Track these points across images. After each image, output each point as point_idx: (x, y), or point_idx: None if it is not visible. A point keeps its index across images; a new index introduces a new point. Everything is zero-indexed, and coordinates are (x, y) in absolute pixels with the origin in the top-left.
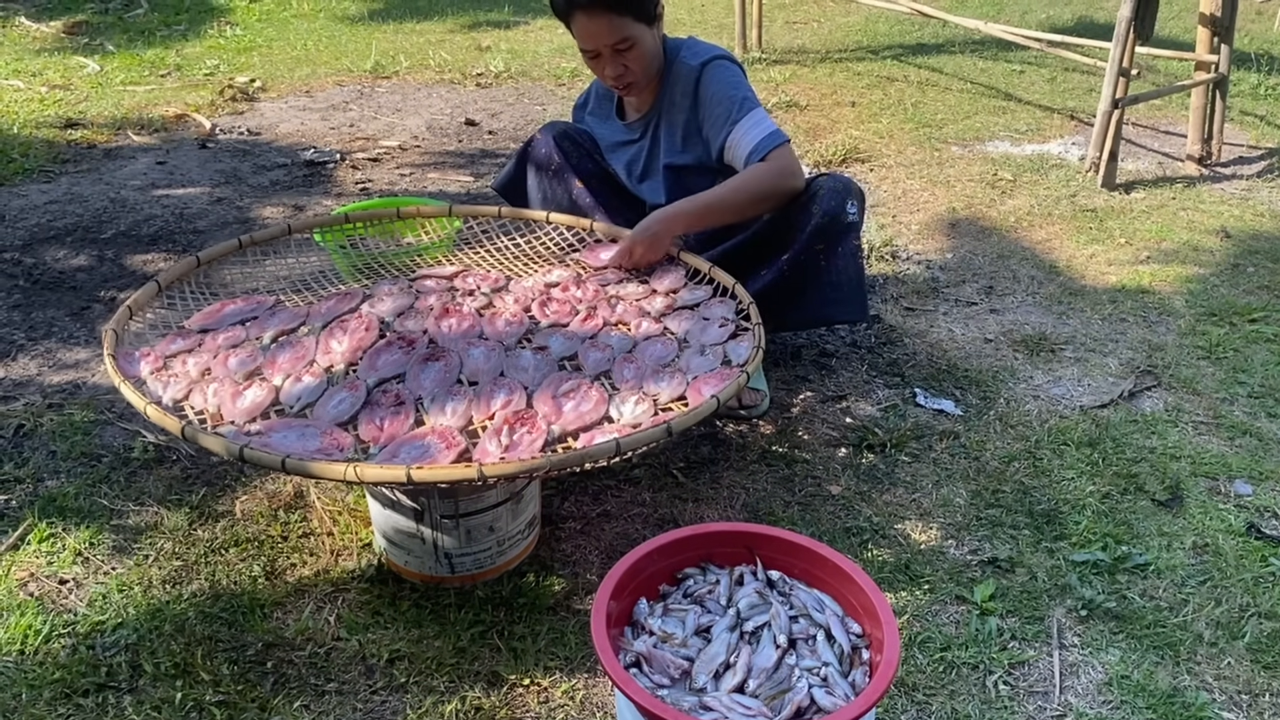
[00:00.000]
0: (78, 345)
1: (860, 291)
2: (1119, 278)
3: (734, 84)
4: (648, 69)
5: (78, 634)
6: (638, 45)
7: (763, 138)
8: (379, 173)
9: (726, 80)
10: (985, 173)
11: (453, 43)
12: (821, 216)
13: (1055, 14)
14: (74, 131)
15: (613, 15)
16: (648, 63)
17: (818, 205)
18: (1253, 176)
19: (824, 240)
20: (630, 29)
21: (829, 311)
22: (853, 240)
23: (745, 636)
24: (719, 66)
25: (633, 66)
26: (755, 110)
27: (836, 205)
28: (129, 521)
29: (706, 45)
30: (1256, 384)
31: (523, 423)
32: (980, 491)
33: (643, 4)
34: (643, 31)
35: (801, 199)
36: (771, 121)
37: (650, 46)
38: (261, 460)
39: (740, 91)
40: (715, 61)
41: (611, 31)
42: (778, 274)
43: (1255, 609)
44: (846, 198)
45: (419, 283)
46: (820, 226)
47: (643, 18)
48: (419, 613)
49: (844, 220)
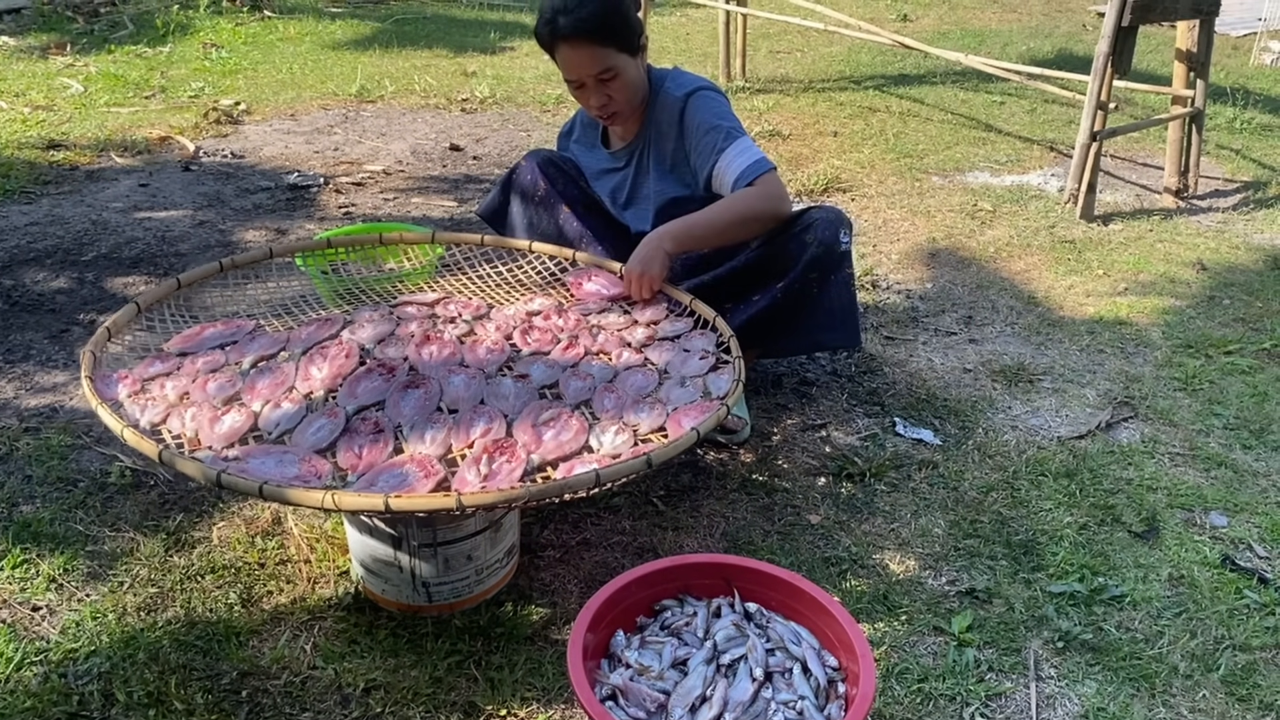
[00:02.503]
0: (56, 368)
1: (853, 318)
2: (1097, 309)
3: (719, 114)
4: (631, 99)
5: (50, 662)
6: (621, 75)
7: (749, 164)
8: (363, 197)
9: (712, 110)
10: (965, 203)
11: (438, 68)
12: (817, 246)
13: (1035, 46)
14: (56, 153)
15: (595, 46)
16: (631, 93)
17: (812, 235)
18: (1229, 209)
19: (818, 269)
20: (613, 59)
21: (822, 338)
22: (845, 269)
23: (722, 669)
24: (703, 96)
25: (616, 96)
26: (741, 139)
27: (831, 236)
28: (104, 547)
29: (691, 76)
30: (1232, 416)
31: (502, 451)
32: (958, 522)
33: (625, 35)
34: (626, 62)
35: (795, 229)
36: (758, 149)
37: (634, 77)
38: (239, 486)
39: (726, 121)
40: (700, 92)
41: (594, 62)
42: (771, 301)
43: (1230, 641)
44: (840, 228)
45: (400, 309)
46: (815, 256)
47: (626, 49)
48: (396, 642)
49: (838, 250)
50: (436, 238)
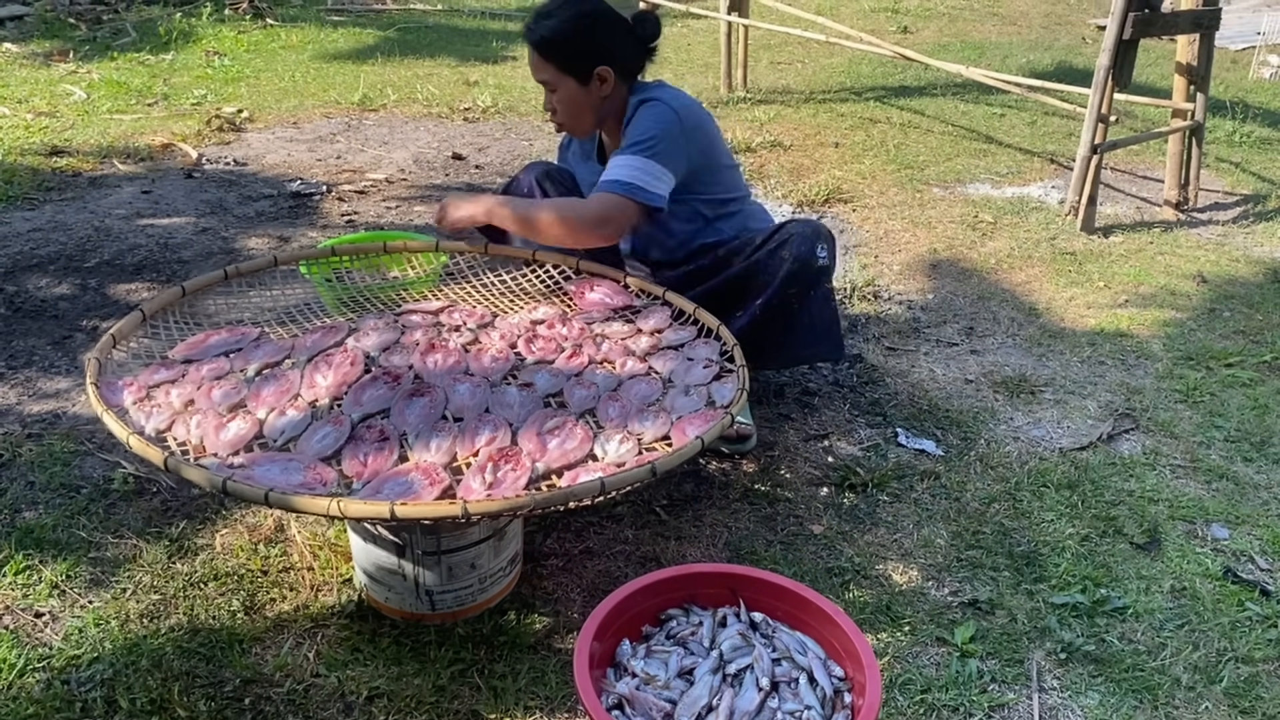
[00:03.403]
0: (59, 375)
1: (835, 332)
2: (1098, 321)
3: (650, 124)
4: (574, 116)
5: (53, 668)
6: (560, 91)
7: (612, 179)
8: (365, 205)
9: (646, 119)
10: (966, 214)
11: (440, 77)
12: (793, 262)
13: (1035, 59)
14: (59, 159)
15: (538, 57)
16: (574, 111)
17: (788, 251)
18: (1228, 222)
19: (796, 285)
20: (550, 74)
21: (806, 352)
22: (825, 284)
23: (728, 679)
24: (650, 107)
25: (557, 107)
26: (638, 156)
27: (806, 251)
28: (107, 554)
29: (663, 89)
30: (1233, 428)
31: (507, 460)
32: (961, 532)
33: (567, 58)
34: (566, 82)
35: (771, 244)
36: (638, 170)
37: (575, 98)
38: (244, 494)
39: (650, 132)
40: (651, 102)
41: (536, 70)
42: (751, 318)
43: (1232, 653)
44: (816, 242)
45: (405, 317)
46: (792, 272)
47: (567, 71)
48: (399, 650)
49: (815, 265)
50: (441, 246)
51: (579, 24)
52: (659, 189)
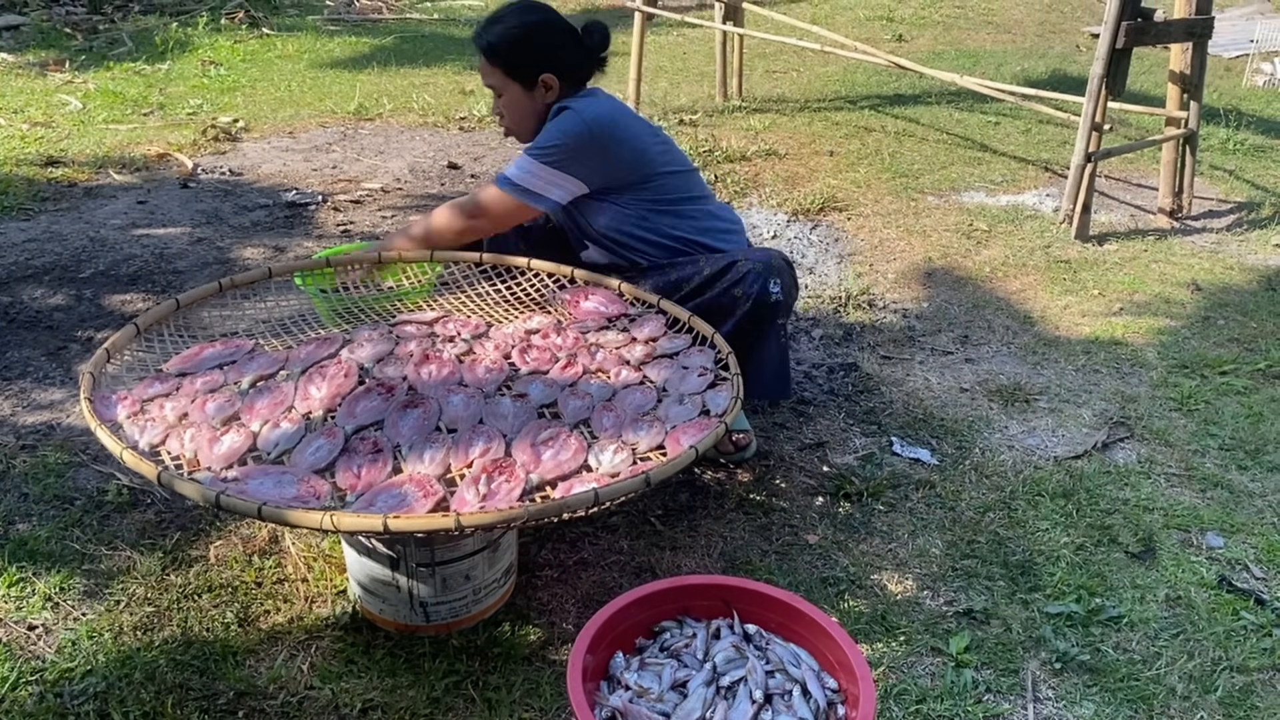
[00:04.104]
0: (53, 385)
1: (784, 370)
2: (1092, 329)
3: (555, 132)
4: (519, 121)
5: (45, 681)
6: (505, 96)
7: (502, 175)
8: (361, 215)
9: (554, 127)
10: (961, 223)
11: (436, 86)
12: (746, 301)
13: (1029, 67)
14: (55, 169)
15: (484, 61)
16: (519, 116)
17: (741, 289)
18: (1222, 230)
19: (750, 322)
20: (496, 79)
21: (753, 390)
22: (778, 320)
23: (722, 691)
24: (564, 115)
25: (505, 113)
26: (534, 160)
27: (759, 289)
28: (101, 566)
29: (589, 100)
30: (1227, 436)
31: (501, 471)
32: (956, 542)
33: (513, 64)
34: (512, 87)
35: (725, 281)
36: (529, 173)
37: (519, 103)
38: (238, 507)
39: (550, 140)
40: (565, 111)
41: (483, 74)
42: None
43: (1227, 662)
44: (768, 278)
45: (399, 328)
46: (746, 312)
47: (513, 76)
48: (393, 662)
49: (768, 302)
50: (435, 256)
51: (526, 31)
52: (550, 194)
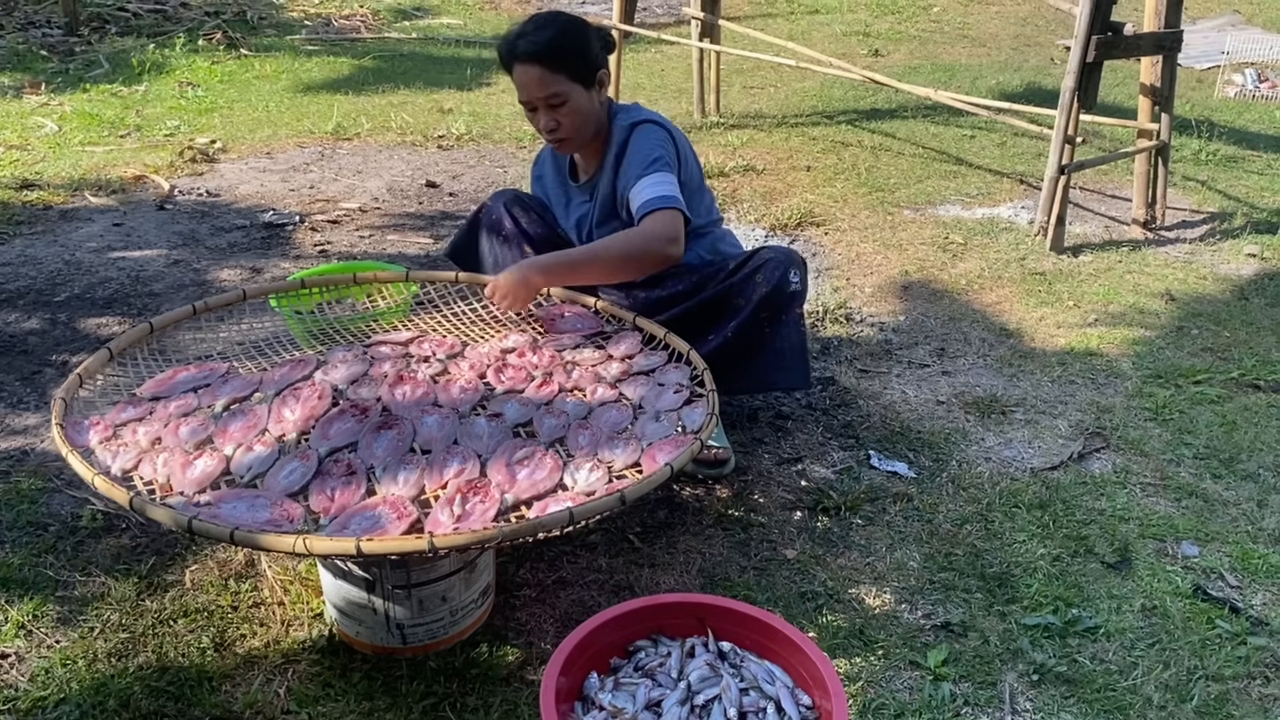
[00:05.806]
0: (27, 410)
1: (803, 359)
2: (1068, 340)
3: (655, 144)
4: (581, 128)
5: (19, 710)
6: (570, 102)
7: (654, 196)
8: (338, 235)
9: (649, 140)
10: (937, 236)
11: (414, 105)
12: (766, 286)
13: (1005, 80)
14: (30, 192)
15: (546, 70)
16: (581, 121)
17: (762, 275)
18: (1195, 240)
19: (768, 310)
20: (562, 85)
21: (773, 378)
22: (796, 309)
23: (696, 710)
24: (647, 129)
25: (564, 122)
26: (662, 171)
27: (780, 276)
28: (75, 592)
29: (646, 111)
30: (1201, 445)
31: (476, 492)
32: (933, 554)
33: (576, 65)
34: (577, 91)
35: (746, 269)
36: (672, 185)
37: (584, 106)
38: (210, 532)
39: (656, 152)
40: (645, 124)
41: (543, 85)
42: (723, 340)
43: (1203, 671)
44: (789, 268)
45: (374, 349)
46: (765, 297)
47: (577, 78)
48: (370, 684)
49: (787, 290)
50: (411, 276)
51: (577, 30)
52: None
